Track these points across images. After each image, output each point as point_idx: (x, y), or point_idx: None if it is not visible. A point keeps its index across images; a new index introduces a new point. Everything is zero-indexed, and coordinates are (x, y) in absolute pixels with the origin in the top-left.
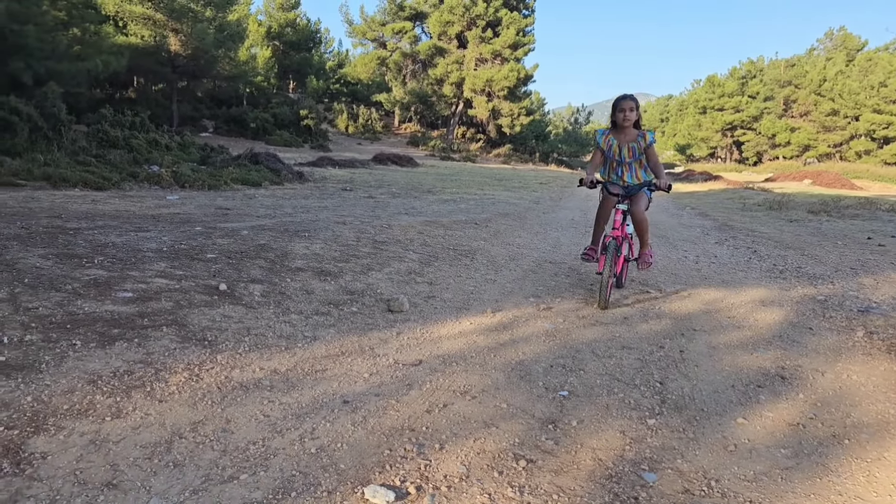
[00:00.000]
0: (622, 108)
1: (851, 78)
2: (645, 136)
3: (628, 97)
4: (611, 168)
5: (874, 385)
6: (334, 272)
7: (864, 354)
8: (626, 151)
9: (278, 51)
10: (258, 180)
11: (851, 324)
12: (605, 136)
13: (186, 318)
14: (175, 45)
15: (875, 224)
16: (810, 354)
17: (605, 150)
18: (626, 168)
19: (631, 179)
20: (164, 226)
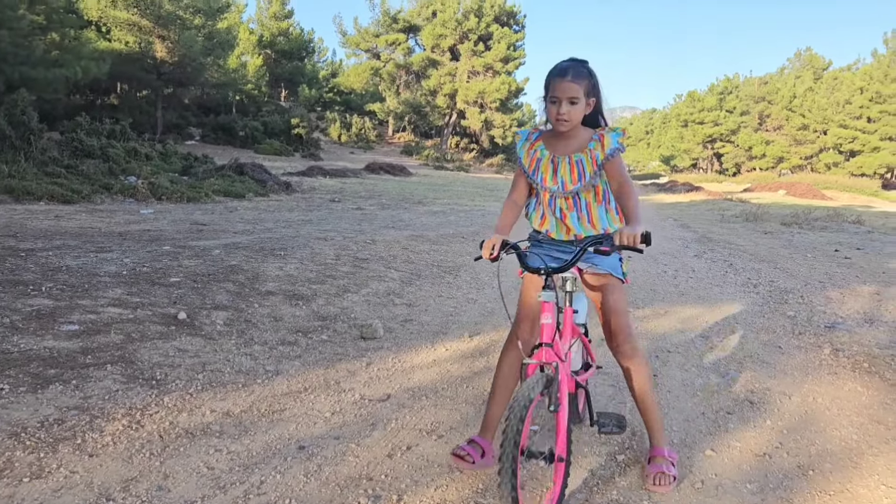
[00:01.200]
0: (556, 93)
1: (819, 95)
2: (602, 138)
3: (568, 69)
4: (543, 206)
5: (838, 408)
6: (307, 295)
7: (830, 374)
8: (568, 172)
9: (270, 59)
10: (241, 192)
11: (819, 341)
12: (530, 144)
13: (136, 354)
14: (161, 51)
15: (842, 236)
16: (778, 376)
17: (528, 173)
18: (567, 204)
19: (579, 226)
20: (130, 245)
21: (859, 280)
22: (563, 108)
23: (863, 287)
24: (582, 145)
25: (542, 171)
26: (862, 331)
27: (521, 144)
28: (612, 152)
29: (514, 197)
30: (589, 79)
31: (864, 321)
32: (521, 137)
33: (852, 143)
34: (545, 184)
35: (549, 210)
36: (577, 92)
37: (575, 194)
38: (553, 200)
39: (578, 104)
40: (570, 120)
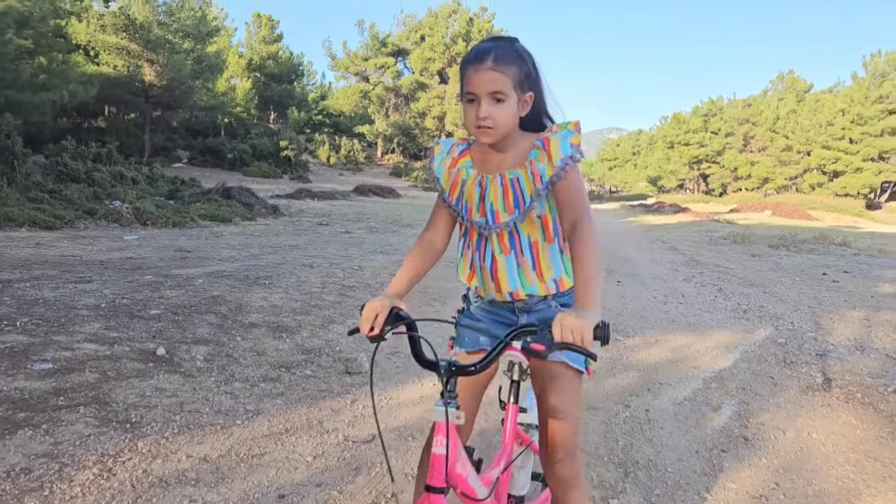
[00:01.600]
0: (472, 88)
1: (802, 116)
2: (548, 143)
3: (487, 52)
4: (471, 249)
5: (834, 444)
6: (292, 327)
7: (824, 406)
8: (500, 196)
9: (259, 82)
10: (228, 216)
11: (811, 370)
12: (451, 160)
13: (111, 394)
14: (150, 75)
15: (829, 259)
16: (772, 409)
17: (448, 201)
18: (502, 245)
19: (515, 279)
20: (111, 274)
21: (848, 305)
22: (483, 108)
23: (852, 312)
24: (520, 158)
25: (467, 197)
26: (853, 359)
27: (440, 160)
28: (562, 163)
29: (429, 236)
30: (520, 64)
31: (854, 348)
32: (441, 150)
33: (835, 163)
34: (470, 215)
35: (477, 255)
36: (502, 84)
37: (512, 229)
38: (482, 241)
39: (506, 102)
40: (496, 126)
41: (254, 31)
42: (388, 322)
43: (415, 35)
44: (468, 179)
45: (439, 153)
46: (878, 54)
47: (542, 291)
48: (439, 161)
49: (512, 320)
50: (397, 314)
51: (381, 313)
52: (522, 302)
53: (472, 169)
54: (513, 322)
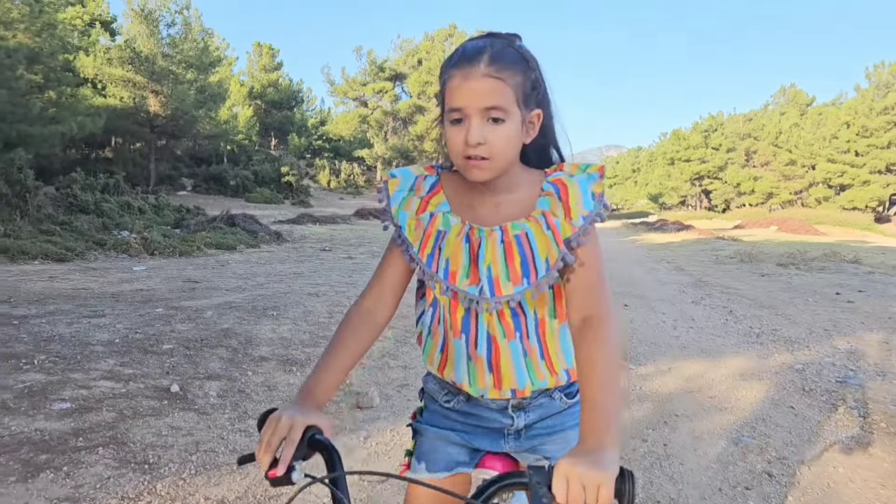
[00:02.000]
0: (459, 101)
1: (805, 130)
2: (565, 189)
3: (482, 50)
4: (447, 326)
5: (861, 479)
6: (301, 360)
7: (848, 437)
8: (501, 258)
9: (260, 110)
10: (233, 244)
11: (831, 398)
12: (419, 201)
13: (128, 434)
14: (154, 105)
15: (842, 277)
16: (794, 441)
17: (417, 259)
18: (504, 325)
19: (523, 372)
20: (122, 308)
21: (865, 327)
22: (474, 131)
23: (870, 335)
24: (524, 204)
25: (448, 254)
26: (875, 385)
27: (400, 199)
28: (583, 223)
29: (368, 304)
30: (525, 69)
31: (875, 374)
32: (399, 184)
33: (841, 177)
34: (455, 282)
35: (464, 338)
36: (501, 96)
37: (516, 304)
38: (470, 318)
39: (507, 122)
40: (493, 157)
41: (254, 60)
42: (300, 451)
43: (412, 59)
44: (449, 231)
45: (397, 189)
46: (881, 65)
47: (552, 384)
48: (399, 201)
49: (501, 423)
50: (313, 438)
51: (289, 438)
52: (520, 398)
53: (451, 214)
54: (502, 427)
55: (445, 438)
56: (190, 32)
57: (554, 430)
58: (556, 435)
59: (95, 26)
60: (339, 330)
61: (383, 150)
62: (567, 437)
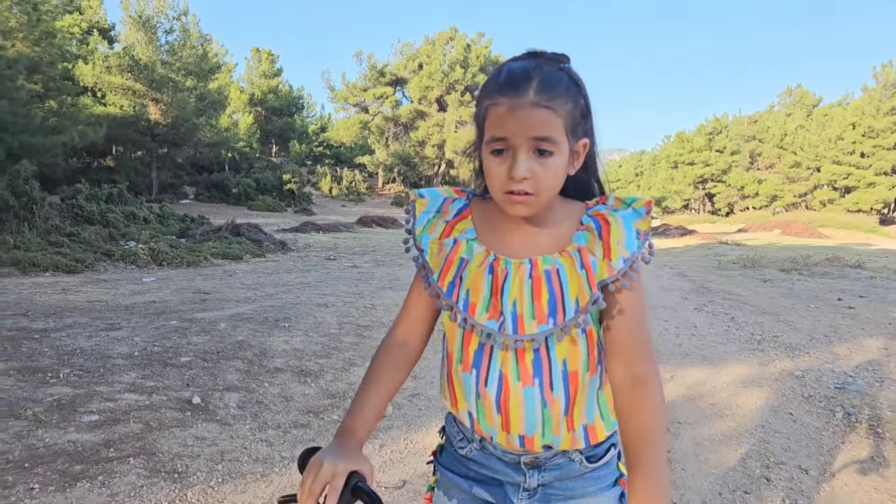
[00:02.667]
0: (504, 131)
1: (811, 132)
2: (606, 224)
3: (530, 75)
4: (464, 363)
5: (857, 484)
6: (315, 371)
7: (846, 443)
8: (528, 293)
9: (260, 116)
10: (239, 253)
11: (830, 404)
12: (444, 225)
13: (156, 444)
14: (155, 113)
15: (844, 283)
16: (793, 447)
17: (437, 287)
18: (522, 367)
19: (535, 422)
20: (138, 320)
21: (865, 333)
22: (521, 165)
23: (870, 341)
24: (559, 237)
25: (470, 285)
26: (873, 391)
27: (425, 220)
28: (624, 265)
29: (400, 334)
30: (575, 97)
31: (874, 380)
32: (428, 205)
33: (847, 179)
34: (474, 315)
35: (474, 373)
36: (551, 127)
37: (541, 345)
38: (483, 352)
39: (556, 155)
40: (538, 193)
41: (254, 66)
42: (344, 499)
43: (412, 63)
44: (471, 259)
45: (424, 210)
46: (889, 64)
47: (566, 445)
48: (424, 222)
49: (514, 479)
50: (356, 486)
51: (332, 485)
52: (533, 455)
53: (476, 243)
54: (515, 482)
55: (458, 486)
56: (188, 39)
57: (573, 495)
58: (575, 500)
59: (93, 34)
60: (372, 365)
61: (384, 156)
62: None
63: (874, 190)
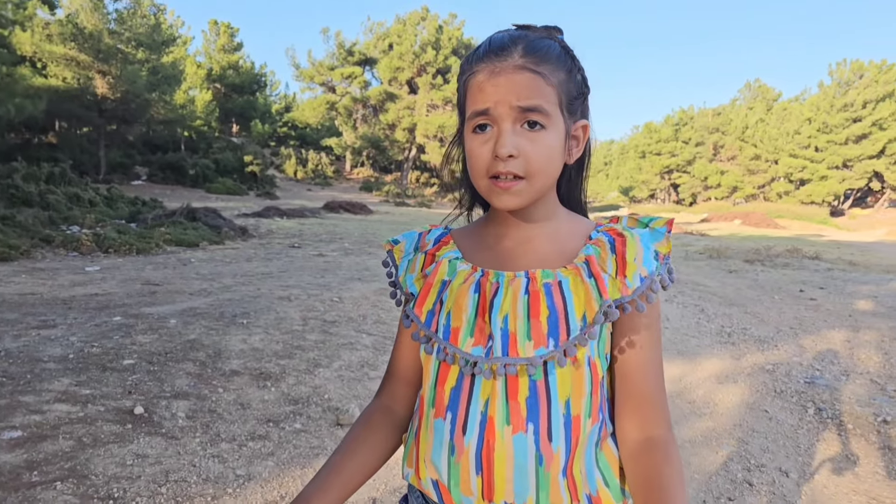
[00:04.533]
0: (484, 101)
1: (770, 125)
2: (621, 239)
3: (516, 41)
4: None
5: (835, 485)
6: (276, 374)
7: (820, 441)
8: (523, 308)
9: (220, 93)
10: (195, 240)
11: (801, 399)
12: (423, 257)
13: (89, 465)
14: (102, 87)
15: (804, 274)
16: (771, 448)
17: (413, 316)
18: (512, 403)
19: (527, 487)
20: (76, 316)
21: (828, 325)
22: (505, 139)
23: (832, 332)
24: (563, 248)
25: (451, 304)
26: (840, 385)
27: (406, 265)
28: (642, 286)
29: (385, 401)
30: (570, 67)
31: (840, 374)
32: (404, 249)
33: (802, 172)
34: (455, 342)
35: (450, 418)
36: (540, 93)
37: (537, 378)
38: (460, 390)
39: (549, 130)
40: (530, 174)
41: (212, 40)
42: None
43: (382, 43)
44: (454, 278)
45: (402, 255)
46: (843, 62)
47: None
48: (405, 266)
49: None
50: None
51: None
52: None
53: (460, 260)
54: None
55: None
56: (139, 7)
57: None
58: None
59: None
60: (346, 436)
61: (353, 138)
62: None
63: (826, 183)
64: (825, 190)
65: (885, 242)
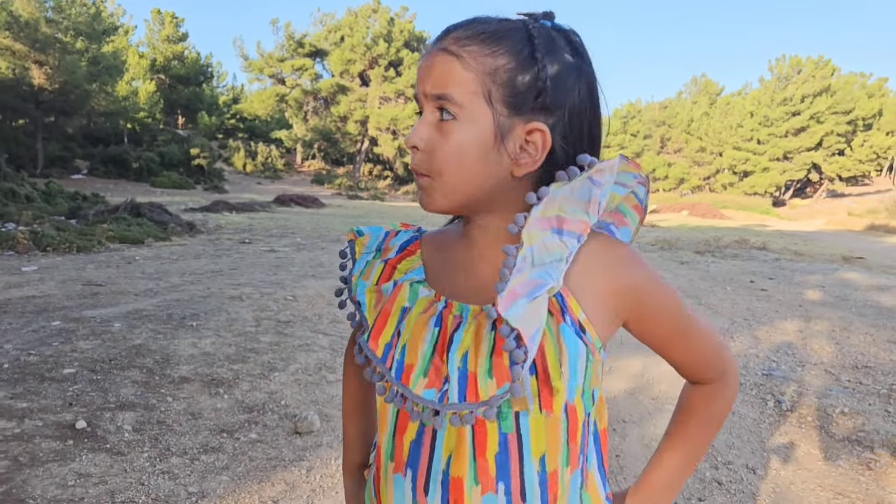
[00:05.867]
0: (418, 88)
1: (714, 119)
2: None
3: (462, 25)
4: (389, 453)
5: (802, 481)
6: (228, 379)
7: (781, 435)
8: (485, 347)
9: (164, 85)
10: (140, 237)
11: (761, 392)
12: (383, 266)
13: (26, 487)
14: (39, 78)
15: (753, 264)
16: (736, 444)
17: (365, 347)
18: (480, 464)
19: None
20: (11, 321)
21: (780, 315)
22: (415, 129)
23: (785, 323)
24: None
25: (406, 339)
26: (796, 377)
27: (363, 264)
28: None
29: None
30: (524, 54)
31: (796, 364)
32: (368, 243)
33: (745, 163)
34: (408, 383)
35: (409, 475)
36: (452, 80)
37: (505, 426)
38: (421, 444)
39: (462, 122)
40: (434, 173)
41: (155, 29)
42: None
43: (334, 35)
44: (413, 305)
45: (363, 250)
46: (782, 58)
47: None
48: (362, 266)
49: None
50: None
51: None
52: None
53: (422, 285)
54: None
55: None
56: None
57: None
58: None
59: None
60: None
61: (303, 131)
62: None
63: (768, 174)
64: (767, 181)
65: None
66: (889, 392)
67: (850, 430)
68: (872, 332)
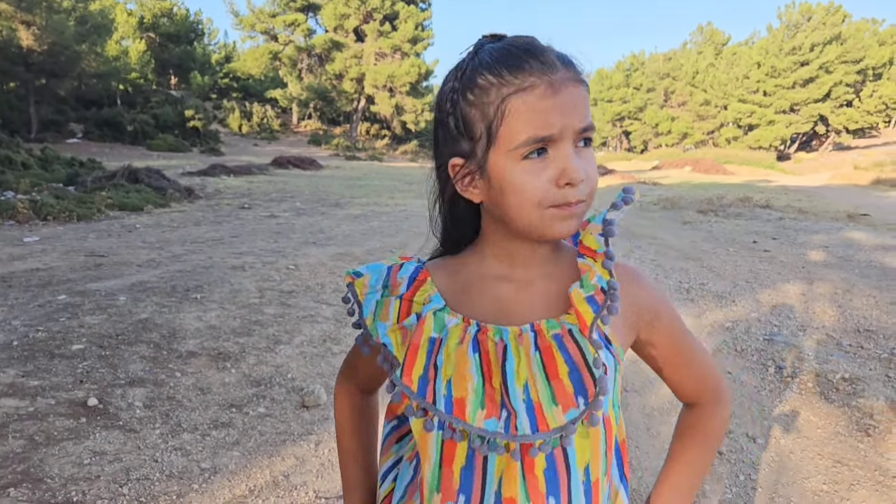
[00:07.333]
0: (546, 115)
1: (720, 70)
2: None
3: (550, 51)
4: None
5: (801, 449)
6: (235, 353)
7: (782, 403)
8: (541, 372)
9: (154, 43)
10: (139, 203)
11: (762, 357)
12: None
13: (43, 467)
14: (28, 39)
15: (756, 224)
16: (737, 411)
17: (403, 385)
18: (530, 486)
19: None
20: (17, 296)
21: (782, 277)
22: (576, 163)
23: (787, 286)
24: (563, 290)
25: (450, 373)
26: (798, 341)
27: (373, 304)
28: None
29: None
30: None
31: (797, 329)
32: (369, 283)
33: (750, 117)
34: (464, 416)
35: (458, 501)
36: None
37: (560, 450)
38: (472, 470)
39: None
40: (588, 198)
41: None
42: None
43: None
44: (446, 337)
45: (366, 291)
46: (792, 4)
47: None
48: (372, 306)
49: None
50: None
51: None
52: None
53: (446, 312)
54: None
55: None
56: None
57: None
58: None
59: None
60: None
61: (298, 89)
62: None
63: (773, 127)
64: (772, 135)
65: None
66: (890, 356)
67: (849, 395)
68: (875, 294)
